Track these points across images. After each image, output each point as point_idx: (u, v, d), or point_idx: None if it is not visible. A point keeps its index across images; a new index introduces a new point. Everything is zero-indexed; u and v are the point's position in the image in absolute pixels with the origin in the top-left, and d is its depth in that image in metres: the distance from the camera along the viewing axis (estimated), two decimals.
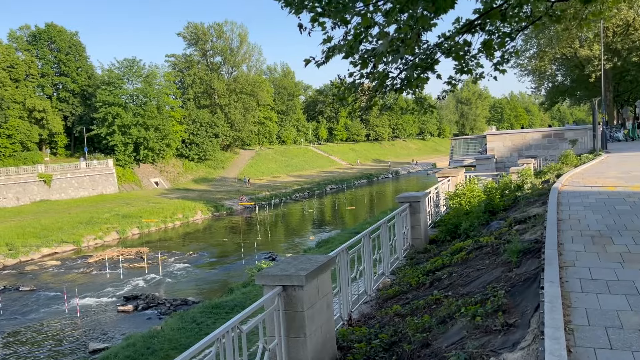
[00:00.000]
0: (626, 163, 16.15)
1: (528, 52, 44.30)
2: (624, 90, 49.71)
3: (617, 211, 8.10)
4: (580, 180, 12.41)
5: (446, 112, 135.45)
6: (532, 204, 10.39)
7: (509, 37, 7.85)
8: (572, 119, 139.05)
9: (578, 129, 29.39)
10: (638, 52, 37.98)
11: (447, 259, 8.25)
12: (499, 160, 28.44)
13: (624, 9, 35.22)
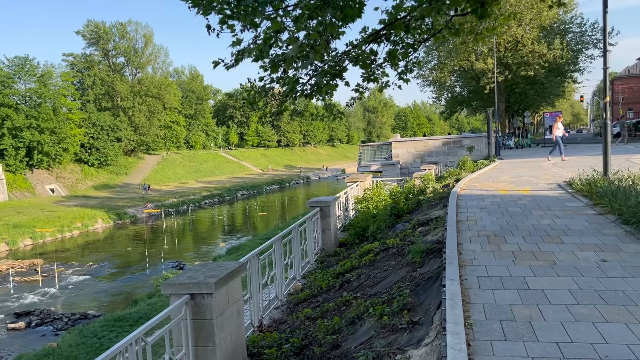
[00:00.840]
0: (517, 168, 17.51)
1: (429, 63, 46.77)
2: (514, 102, 53.99)
3: (509, 213, 8.74)
4: (476, 184, 13.26)
5: (354, 120, 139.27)
6: (434, 207, 10.94)
7: (412, 48, 8.22)
8: (469, 127, 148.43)
9: (474, 137, 31.47)
10: (526, 67, 41.43)
11: (356, 261, 8.45)
12: (404, 166, 29.70)
13: (514, 27, 38.31)
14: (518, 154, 29.17)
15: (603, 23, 10.89)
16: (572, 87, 64.45)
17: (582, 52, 45.74)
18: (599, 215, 8.01)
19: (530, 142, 40.29)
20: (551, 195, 10.38)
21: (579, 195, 9.92)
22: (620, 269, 5.15)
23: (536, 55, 40.44)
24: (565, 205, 9.13)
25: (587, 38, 45.11)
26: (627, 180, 9.66)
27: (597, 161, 12.57)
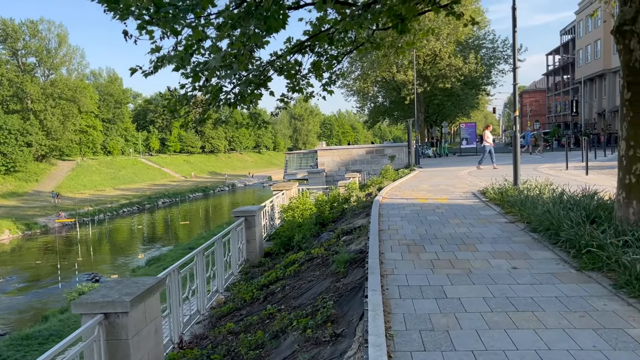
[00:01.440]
0: (435, 177, 18.24)
1: (353, 73, 47.83)
2: (433, 112, 56.38)
3: (428, 221, 9.06)
4: (398, 193, 13.66)
5: (280, 127, 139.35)
6: (358, 216, 11.13)
7: (336, 60, 8.33)
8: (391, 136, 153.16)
9: (396, 146, 32.49)
10: (443, 80, 43.44)
11: (280, 272, 8.39)
12: (329, 174, 30.06)
13: (433, 41, 40.07)
14: (436, 162, 30.45)
15: (513, 42, 11.63)
16: (486, 99, 68.25)
17: (495, 66, 48.73)
18: (510, 223, 8.49)
19: (447, 151, 42.23)
20: (467, 204, 10.88)
21: (492, 204, 10.47)
22: (529, 276, 5.47)
23: (453, 69, 42.52)
24: (480, 213, 9.61)
25: (498, 54, 48.12)
26: (534, 190, 10.32)
27: (509, 170, 13.33)
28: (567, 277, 5.38)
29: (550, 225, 7.15)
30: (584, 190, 9.10)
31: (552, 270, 5.63)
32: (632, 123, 6.38)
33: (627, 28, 6.45)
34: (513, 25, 11.01)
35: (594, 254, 5.68)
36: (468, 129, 40.66)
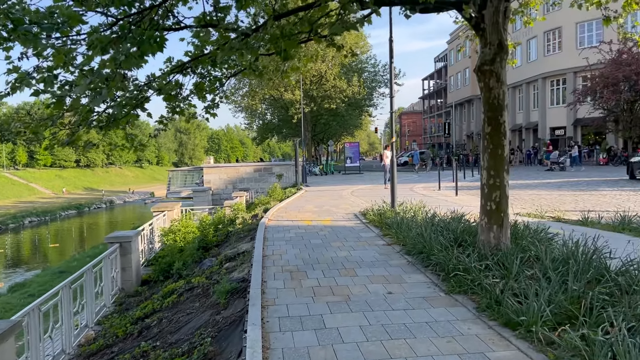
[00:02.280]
0: (320, 197, 18.62)
1: (241, 90, 47.63)
2: (320, 131, 57.77)
3: (311, 245, 9.17)
4: (284, 214, 13.71)
5: (165, 141, 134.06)
6: (243, 240, 10.96)
7: (219, 82, 8.18)
8: (280, 152, 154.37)
9: (284, 164, 32.74)
10: (329, 100, 44.79)
11: (158, 302, 7.97)
12: (215, 192, 29.43)
13: (318, 62, 41.22)
14: (323, 180, 31.16)
15: (390, 74, 12.31)
16: (368, 119, 71.46)
17: (376, 89, 51.35)
18: (387, 245, 8.87)
19: (333, 169, 43.48)
20: (348, 226, 11.21)
21: (372, 225, 10.89)
22: (403, 301, 5.71)
23: (337, 90, 44.06)
24: (360, 235, 9.93)
25: (380, 77, 50.80)
26: (410, 212, 10.92)
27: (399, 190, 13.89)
28: (437, 301, 5.71)
29: (423, 248, 7.58)
30: (453, 212, 9.81)
31: (424, 294, 5.94)
32: (492, 155, 7.00)
33: (487, 68, 7.09)
34: (390, 56, 11.65)
35: (460, 277, 6.09)
36: (352, 148, 42.19)
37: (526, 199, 16.10)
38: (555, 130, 42.60)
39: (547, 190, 18.65)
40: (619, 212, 10.78)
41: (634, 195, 15.78)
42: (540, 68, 42.72)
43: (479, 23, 7.10)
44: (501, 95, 7.05)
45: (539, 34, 41.76)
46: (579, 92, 35.53)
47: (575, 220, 10.83)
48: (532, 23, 10.41)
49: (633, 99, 31.40)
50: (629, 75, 30.65)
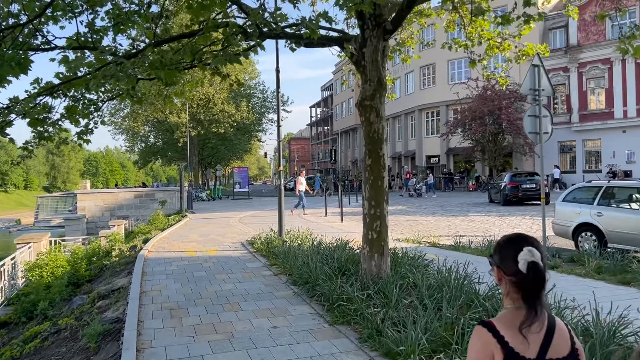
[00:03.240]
0: (206, 225, 18.09)
1: (122, 111, 45.30)
2: (207, 155, 56.59)
3: (195, 278, 8.80)
4: (166, 245, 13.08)
5: (35, 163, 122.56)
6: (119, 274, 10.23)
7: (95, 106, 7.64)
8: (165, 176, 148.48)
9: (168, 190, 31.46)
10: (217, 124, 44.14)
11: (17, 349, 7.12)
12: (91, 220, 27.38)
13: (207, 85, 40.58)
14: (210, 206, 30.39)
15: (277, 102, 12.42)
16: (258, 144, 71.50)
17: (265, 115, 51.67)
18: (274, 276, 8.79)
19: (221, 194, 42.65)
20: (235, 256, 10.97)
21: (259, 255, 10.76)
22: (288, 335, 5.64)
23: (226, 115, 43.63)
24: (246, 266, 9.75)
25: (268, 103, 51.21)
26: (297, 240, 10.96)
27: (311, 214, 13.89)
28: (321, 333, 5.71)
29: (308, 278, 7.60)
30: (338, 240, 10.01)
31: (309, 327, 5.92)
32: (373, 186, 7.27)
33: (368, 103, 7.40)
34: (277, 86, 11.78)
35: (344, 307, 6.17)
36: (241, 173, 41.81)
37: (405, 224, 16.98)
38: (430, 158, 45.79)
39: (424, 216, 19.85)
40: (486, 237, 11.73)
41: (498, 220, 17.33)
42: (417, 100, 45.91)
43: (360, 60, 7.42)
44: (381, 129, 7.39)
45: (416, 69, 44.94)
46: (450, 124, 38.61)
47: (448, 245, 11.59)
48: (408, 60, 11.14)
49: (496, 131, 34.78)
50: (493, 109, 33.99)
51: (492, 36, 9.38)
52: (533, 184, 23.19)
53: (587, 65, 35.07)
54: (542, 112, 10.11)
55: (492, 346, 1.71)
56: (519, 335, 1.70)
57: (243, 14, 6.61)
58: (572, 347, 1.79)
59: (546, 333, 1.75)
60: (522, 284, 1.73)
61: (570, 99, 36.13)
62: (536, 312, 1.71)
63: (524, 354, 1.70)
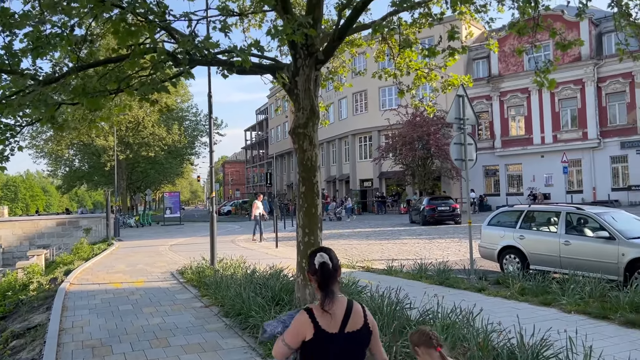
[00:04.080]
0: (134, 254, 17.32)
1: (44, 134, 43.02)
2: (137, 179, 54.67)
3: (120, 312, 8.34)
4: (90, 276, 12.37)
5: None
6: (37, 310, 9.53)
7: (11, 131, 7.19)
8: (91, 201, 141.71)
9: (93, 217, 29.97)
10: (147, 148, 42.85)
11: None
12: (8, 250, 25.49)
13: (136, 108, 39.38)
14: (138, 233, 29.22)
15: (209, 128, 12.24)
16: (190, 167, 69.99)
17: (198, 138, 50.79)
18: (205, 307, 8.49)
19: (151, 220, 41.11)
20: (164, 287, 10.53)
21: (190, 285, 10.39)
22: None
23: (156, 138, 42.48)
24: (176, 298, 9.38)
25: (201, 126, 50.43)
26: (230, 269, 10.70)
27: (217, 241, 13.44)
28: None
29: (241, 309, 7.40)
30: (272, 267, 9.86)
31: None
32: (306, 213, 7.25)
33: (301, 131, 7.42)
34: (209, 111, 11.61)
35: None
36: (172, 198, 40.58)
37: (340, 249, 17.07)
38: (364, 182, 46.67)
39: (358, 239, 20.07)
40: (417, 261, 11.99)
41: (428, 243, 17.82)
42: (350, 125, 46.88)
43: (293, 89, 7.46)
44: (314, 157, 7.42)
45: (349, 95, 45.98)
46: (382, 149, 39.63)
47: (382, 269, 11.73)
48: (341, 88, 11.35)
49: (425, 155, 36.06)
50: (422, 135, 35.27)
51: (419, 67, 9.76)
52: (447, 207, 26.57)
53: (507, 94, 37.33)
54: (467, 140, 10.59)
55: (307, 324, 2.44)
56: (326, 316, 2.44)
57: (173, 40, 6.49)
58: (365, 321, 2.54)
59: (345, 314, 2.50)
60: (318, 277, 2.49)
61: (493, 125, 38.20)
62: (328, 296, 2.45)
63: (328, 330, 2.44)
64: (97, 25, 8.99)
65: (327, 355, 2.45)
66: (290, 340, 2.47)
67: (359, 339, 2.51)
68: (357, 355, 2.53)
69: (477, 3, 8.48)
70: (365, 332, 2.52)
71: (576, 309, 7.32)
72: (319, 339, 2.43)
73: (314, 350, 2.45)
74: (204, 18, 6.31)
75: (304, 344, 2.46)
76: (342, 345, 2.46)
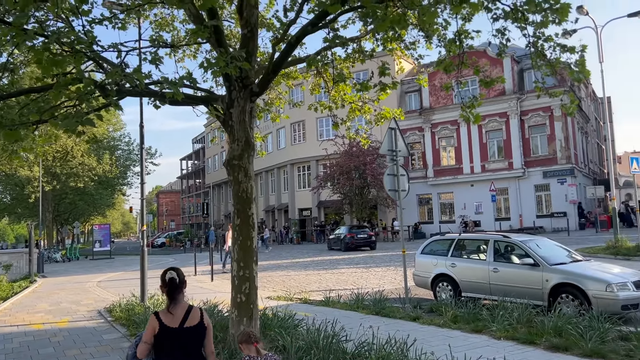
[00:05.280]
0: (60, 291, 16.31)
1: None
2: (64, 211, 51.96)
3: (40, 356, 7.78)
4: (7, 318, 11.48)
5: None
6: None
7: None
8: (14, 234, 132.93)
9: (14, 252, 27.98)
10: (76, 178, 40.92)
11: None
12: None
13: (64, 137, 37.65)
14: (65, 269, 27.62)
15: (140, 159, 11.88)
16: (122, 198, 67.46)
17: (130, 168, 49.20)
18: None
19: (79, 254, 38.94)
20: (90, 326, 9.94)
21: (118, 324, 9.86)
22: None
23: (86, 168, 40.72)
24: (103, 338, 8.86)
25: (134, 156, 48.90)
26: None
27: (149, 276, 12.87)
28: None
29: None
30: (206, 302, 9.58)
31: None
32: (242, 246, 7.13)
33: (236, 163, 7.35)
34: (141, 142, 11.29)
35: None
36: (101, 230, 38.75)
37: (277, 280, 16.87)
38: (303, 211, 46.74)
39: (296, 270, 19.93)
40: (353, 291, 12.04)
41: (365, 272, 17.97)
42: (289, 155, 47.09)
43: (227, 120, 7.40)
44: (249, 189, 7.34)
45: (287, 125, 46.32)
46: (320, 178, 40.00)
47: (319, 301, 11.66)
48: (278, 119, 11.39)
49: (362, 185, 36.71)
50: (359, 165, 35.97)
51: (353, 100, 9.99)
52: (364, 235, 30.16)
53: (438, 126, 38.94)
54: (400, 171, 10.88)
55: (155, 322, 3.44)
56: (169, 315, 3.46)
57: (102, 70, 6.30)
58: (201, 320, 3.55)
59: (185, 314, 3.50)
60: (167, 289, 3.49)
61: (425, 155, 39.60)
62: (172, 302, 3.49)
63: (170, 325, 3.43)
64: (22, 53, 8.61)
65: (172, 343, 3.43)
66: (146, 338, 3.46)
67: (195, 332, 3.51)
68: (195, 343, 3.53)
69: (407, 40, 8.86)
70: (201, 328, 3.54)
71: (505, 335, 7.56)
72: (163, 332, 3.42)
73: (161, 339, 3.43)
74: (134, 49, 6.18)
75: (155, 337, 3.42)
76: (182, 335, 3.45)
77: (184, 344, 3.45)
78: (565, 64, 6.71)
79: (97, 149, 43.74)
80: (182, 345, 3.44)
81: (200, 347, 3.53)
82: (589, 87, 46.63)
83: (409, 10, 6.88)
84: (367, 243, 29.69)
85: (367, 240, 29.74)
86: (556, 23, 5.93)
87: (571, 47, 6.37)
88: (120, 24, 7.22)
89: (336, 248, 30.56)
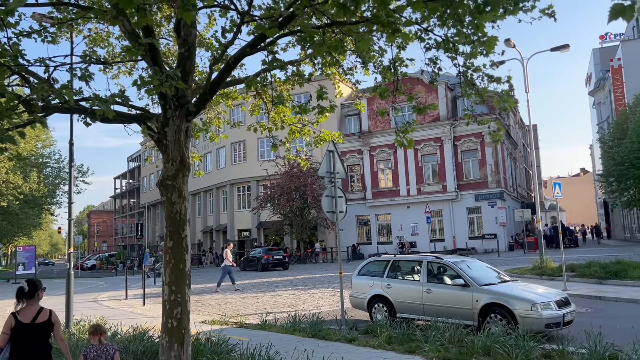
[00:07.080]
0: None
1: None
2: None
3: None
4: None
5: None
6: None
7: None
8: None
9: None
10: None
11: None
12: None
13: None
14: None
15: (69, 178, 11.36)
16: (51, 218, 64.05)
17: (60, 187, 46.84)
18: None
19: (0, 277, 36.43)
20: None
21: None
22: None
23: (10, 186, 38.40)
24: None
25: (64, 174, 46.62)
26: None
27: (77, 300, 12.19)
28: None
29: None
30: (136, 328, 9.19)
31: None
32: (174, 270, 6.90)
33: (170, 183, 7.16)
34: (70, 159, 10.82)
35: None
36: (26, 252, 36.46)
37: (213, 304, 16.46)
38: (242, 232, 46.13)
39: (233, 294, 19.55)
40: (290, 313, 11.94)
41: (303, 294, 17.89)
42: (229, 175, 46.53)
43: (162, 139, 7.23)
44: (183, 210, 7.15)
45: (227, 145, 45.88)
46: (261, 199, 39.75)
47: (255, 324, 11.47)
48: (217, 139, 11.26)
49: (303, 206, 36.81)
50: (299, 186, 36.10)
51: (293, 121, 10.06)
52: (280, 256, 33.30)
53: (377, 149, 39.86)
54: (338, 193, 11.01)
55: (11, 319, 4.59)
56: (23, 313, 4.62)
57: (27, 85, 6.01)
58: (49, 317, 4.73)
59: (36, 313, 4.67)
60: (19, 295, 4.71)
61: (364, 177, 40.34)
62: (23, 303, 4.68)
63: (24, 321, 4.58)
64: None
65: (25, 335, 4.55)
66: (5, 330, 4.54)
67: (45, 327, 4.68)
68: (45, 336, 4.70)
69: (345, 66, 9.06)
70: (49, 323, 4.72)
71: (437, 355, 7.72)
72: (18, 326, 4.56)
73: (17, 332, 4.53)
74: (63, 64, 5.94)
75: (12, 330, 4.53)
76: (33, 329, 4.60)
77: (36, 336, 4.61)
78: (492, 92, 7.10)
79: (23, 166, 41.39)
80: (33, 336, 4.59)
81: (47, 337, 4.71)
82: (517, 115, 49.43)
83: (347, 36, 7.07)
84: (282, 263, 33.13)
85: (282, 261, 33.17)
86: (484, 55, 6.26)
87: (497, 78, 6.75)
88: (50, 37, 6.96)
89: (250, 269, 33.40)
